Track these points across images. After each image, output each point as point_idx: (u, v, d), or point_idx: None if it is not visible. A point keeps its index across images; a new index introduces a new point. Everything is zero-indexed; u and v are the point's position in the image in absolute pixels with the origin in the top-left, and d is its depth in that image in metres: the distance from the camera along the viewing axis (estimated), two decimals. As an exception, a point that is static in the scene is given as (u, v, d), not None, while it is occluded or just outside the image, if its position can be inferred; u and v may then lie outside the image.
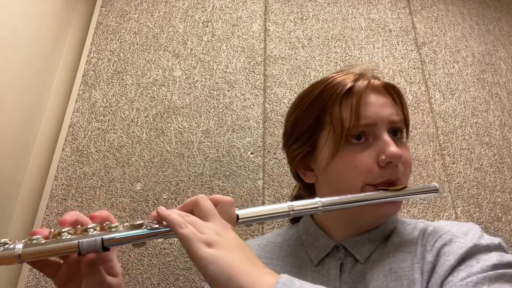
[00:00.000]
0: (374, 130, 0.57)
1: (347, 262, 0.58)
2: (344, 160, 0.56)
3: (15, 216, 1.01)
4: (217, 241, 0.40)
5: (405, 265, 0.53)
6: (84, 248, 0.42)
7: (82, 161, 1.12)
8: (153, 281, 0.99)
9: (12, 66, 1.00)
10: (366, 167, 0.55)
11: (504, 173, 1.26)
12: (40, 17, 1.12)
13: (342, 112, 0.58)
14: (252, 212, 0.49)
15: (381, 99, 0.59)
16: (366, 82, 0.59)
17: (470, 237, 0.51)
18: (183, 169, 1.13)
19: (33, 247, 0.42)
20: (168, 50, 1.31)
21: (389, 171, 0.55)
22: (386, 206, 0.55)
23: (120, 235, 0.43)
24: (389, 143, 0.55)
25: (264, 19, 1.40)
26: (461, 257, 0.48)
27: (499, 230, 1.16)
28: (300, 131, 0.63)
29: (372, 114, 0.57)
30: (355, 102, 0.57)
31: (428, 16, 1.52)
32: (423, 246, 0.54)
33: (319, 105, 0.60)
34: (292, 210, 0.49)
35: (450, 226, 0.55)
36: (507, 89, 1.43)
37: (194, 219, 0.43)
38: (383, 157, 0.55)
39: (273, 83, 1.29)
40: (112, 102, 1.22)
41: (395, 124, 0.58)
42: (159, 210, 0.44)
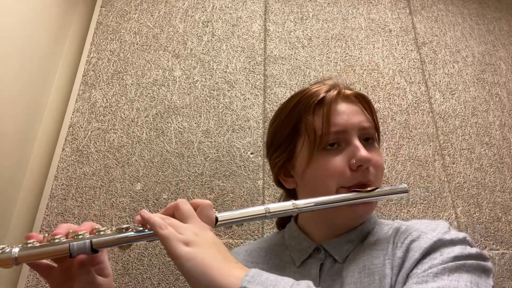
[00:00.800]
0: (345, 136, 0.60)
1: (327, 262, 0.61)
2: (318, 165, 0.60)
3: (15, 216, 1.01)
4: (194, 241, 0.44)
5: (378, 261, 0.56)
6: (74, 250, 0.46)
7: (82, 161, 1.12)
8: (153, 281, 0.99)
9: (12, 66, 1.00)
10: (339, 171, 0.59)
11: (504, 173, 1.26)
12: (40, 17, 1.12)
13: (315, 120, 0.62)
14: (231, 214, 0.53)
15: (352, 107, 0.63)
16: (337, 91, 0.64)
17: (436, 232, 0.54)
18: (183, 169, 1.13)
19: (28, 250, 0.46)
20: (168, 50, 1.31)
21: (360, 174, 0.59)
22: (359, 206, 0.58)
23: (107, 238, 0.47)
24: (359, 148, 0.58)
25: (264, 19, 1.40)
26: (426, 250, 0.51)
27: (499, 230, 1.16)
28: (279, 140, 0.67)
29: (343, 121, 0.61)
30: (326, 111, 0.61)
31: (428, 16, 1.52)
32: (395, 243, 0.57)
33: (295, 115, 0.65)
34: (268, 212, 0.53)
35: (420, 224, 0.58)
36: (507, 89, 1.43)
37: (174, 221, 0.46)
38: (353, 161, 0.58)
39: (273, 83, 1.29)
40: (112, 102, 1.22)
41: (365, 130, 0.62)
42: (142, 213, 0.47)
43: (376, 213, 1.14)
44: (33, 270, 0.98)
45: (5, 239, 0.98)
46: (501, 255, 1.12)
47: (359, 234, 0.63)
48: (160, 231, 0.44)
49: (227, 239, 1.06)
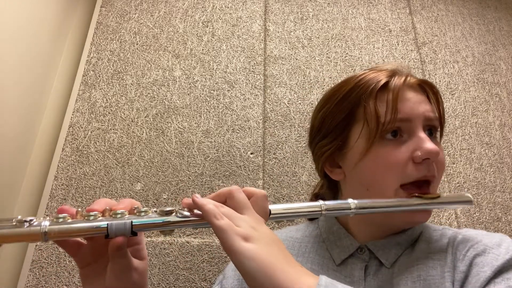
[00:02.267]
0: (409, 126, 0.55)
1: (372, 265, 0.56)
2: (377, 156, 0.55)
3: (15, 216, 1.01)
4: (254, 236, 0.39)
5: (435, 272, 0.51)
6: (113, 230, 0.41)
7: (82, 161, 1.12)
8: (153, 281, 0.99)
9: (12, 66, 1.00)
10: (401, 164, 0.53)
11: (504, 173, 1.26)
12: (40, 17, 1.12)
13: (378, 106, 0.56)
14: (285, 208, 0.48)
15: (417, 96, 0.58)
16: (403, 78, 0.58)
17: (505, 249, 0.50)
18: (183, 169, 1.13)
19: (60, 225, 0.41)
20: (168, 50, 1.31)
21: (425, 167, 0.53)
22: (418, 213, 0.54)
23: (150, 220, 0.42)
24: (426, 140, 0.53)
25: (264, 19, 1.40)
26: (498, 269, 0.47)
27: (499, 230, 1.16)
28: (330, 126, 0.61)
29: (408, 109, 0.55)
30: (392, 97, 0.55)
31: (428, 16, 1.52)
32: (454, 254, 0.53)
33: (351, 100, 0.59)
34: (325, 209, 0.48)
35: (481, 236, 0.54)
36: (507, 89, 1.43)
37: (229, 211, 0.42)
38: (419, 153, 0.53)
39: (273, 83, 1.29)
40: (112, 102, 1.22)
41: (430, 121, 0.57)
42: (195, 198, 0.42)
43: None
44: (33, 269, 0.98)
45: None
46: (501, 255, 1.12)
47: (407, 238, 0.58)
48: (216, 222, 0.39)
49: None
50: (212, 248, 1.03)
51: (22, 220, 0.41)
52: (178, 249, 1.03)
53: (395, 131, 0.55)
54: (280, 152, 1.18)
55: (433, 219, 1.14)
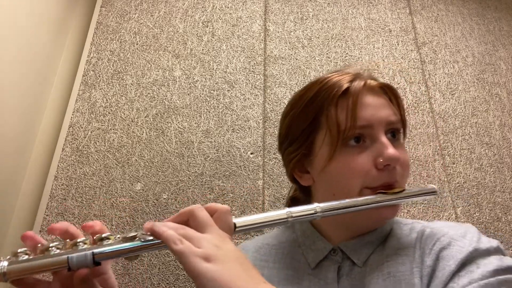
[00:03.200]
0: (371, 132, 0.56)
1: (345, 266, 0.57)
2: (341, 163, 0.56)
3: (15, 216, 1.01)
4: (215, 255, 0.39)
5: (404, 268, 0.52)
6: (74, 263, 0.40)
7: (82, 161, 1.12)
8: (153, 281, 0.99)
9: (12, 66, 1.00)
10: (364, 170, 0.54)
11: (504, 173, 1.26)
12: (40, 17, 1.12)
13: (338, 113, 0.57)
14: (250, 220, 0.48)
15: (378, 100, 0.58)
16: (363, 82, 0.58)
17: (469, 241, 0.51)
18: (183, 169, 1.13)
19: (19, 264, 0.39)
20: (168, 50, 1.31)
21: (387, 173, 0.54)
22: (385, 209, 0.55)
23: (111, 248, 0.41)
24: (387, 145, 0.54)
25: (264, 19, 1.40)
26: (461, 262, 0.48)
27: (499, 230, 1.16)
28: (296, 133, 0.62)
29: (369, 115, 0.56)
30: (351, 104, 0.56)
31: (428, 16, 1.52)
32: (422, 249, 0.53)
33: (314, 107, 0.59)
34: (290, 217, 0.48)
35: (447, 228, 0.55)
36: (507, 89, 1.43)
37: (190, 232, 0.41)
38: (381, 160, 0.54)
39: (273, 83, 1.29)
40: (112, 102, 1.22)
41: (393, 125, 0.57)
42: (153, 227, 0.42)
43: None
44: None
45: (5, 239, 0.98)
46: (501, 255, 1.12)
47: (378, 236, 0.59)
48: (175, 247, 0.39)
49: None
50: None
51: None
52: (178, 249, 1.03)
53: (358, 137, 0.56)
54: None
55: (433, 219, 1.14)
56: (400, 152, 0.55)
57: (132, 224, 1.05)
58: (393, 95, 0.62)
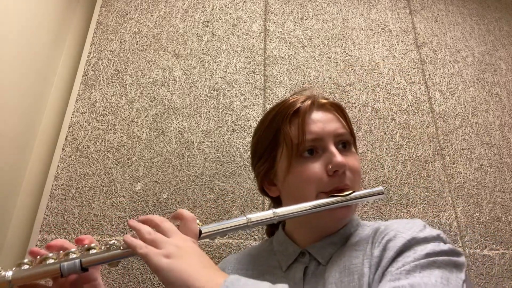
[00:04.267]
0: (321, 143, 0.63)
1: (311, 265, 0.63)
2: (297, 172, 0.63)
3: (15, 216, 1.01)
4: (174, 253, 0.45)
5: (357, 261, 0.58)
6: (65, 270, 0.48)
7: (82, 161, 1.12)
8: (153, 281, 0.99)
9: (12, 66, 1.00)
10: (317, 177, 0.61)
11: (504, 173, 1.26)
12: (40, 17, 1.12)
13: (291, 130, 0.65)
14: (214, 226, 0.55)
15: (326, 116, 0.66)
16: (310, 101, 0.67)
17: (411, 231, 0.55)
18: (183, 169, 1.13)
19: (21, 273, 0.48)
20: (168, 50, 1.31)
21: (337, 178, 0.61)
22: (339, 210, 0.61)
23: (96, 257, 0.49)
24: (335, 154, 0.61)
25: (264, 19, 1.40)
26: (400, 249, 0.53)
27: (499, 230, 1.16)
28: (261, 150, 0.70)
29: (318, 129, 0.63)
30: (301, 120, 0.64)
31: (428, 16, 1.52)
32: (373, 243, 0.59)
33: (274, 126, 0.68)
34: (249, 221, 0.55)
35: (397, 223, 0.60)
36: (507, 89, 1.43)
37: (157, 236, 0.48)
38: (330, 167, 0.61)
39: (273, 83, 1.29)
40: (112, 102, 1.22)
41: (341, 137, 0.65)
42: (125, 238, 0.49)
43: (377, 213, 1.14)
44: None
45: (5, 238, 0.98)
46: (501, 255, 1.12)
47: (341, 236, 0.65)
48: (139, 251, 0.46)
49: (227, 239, 1.06)
50: (212, 248, 1.03)
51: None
52: (178, 249, 1.03)
53: (311, 149, 0.63)
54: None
55: (433, 219, 1.14)
56: (348, 160, 0.63)
57: (132, 224, 1.05)
58: (340, 111, 0.70)
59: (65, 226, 1.03)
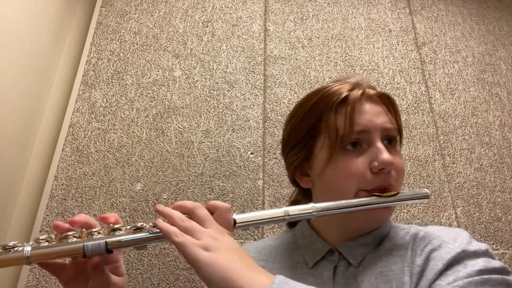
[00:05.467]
0: (367, 137, 0.59)
1: (341, 265, 0.60)
2: (338, 166, 0.59)
3: (15, 216, 1.01)
4: (213, 245, 0.42)
5: (396, 268, 0.54)
6: (89, 250, 0.45)
7: (82, 161, 1.12)
8: (153, 281, 0.99)
9: (12, 66, 1.00)
10: (359, 173, 0.57)
11: (504, 173, 1.26)
12: (40, 17, 1.12)
13: (337, 119, 0.60)
14: (249, 217, 0.51)
15: (375, 108, 0.62)
16: (361, 91, 0.62)
17: (459, 243, 0.53)
18: (183, 169, 1.13)
19: (40, 249, 0.45)
20: (168, 50, 1.31)
21: (382, 177, 0.57)
22: (379, 211, 0.57)
23: (123, 238, 0.46)
24: (382, 150, 0.57)
25: (264, 19, 1.40)
26: (449, 262, 0.50)
27: (499, 230, 1.16)
28: (297, 138, 0.65)
29: (366, 121, 0.59)
30: (349, 110, 0.59)
31: (428, 16, 1.52)
32: (413, 250, 0.56)
33: (315, 113, 0.63)
34: (287, 215, 0.51)
35: (440, 231, 0.57)
36: (507, 89, 1.43)
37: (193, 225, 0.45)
38: (375, 164, 0.57)
39: (273, 83, 1.29)
40: (112, 102, 1.22)
41: (388, 131, 0.60)
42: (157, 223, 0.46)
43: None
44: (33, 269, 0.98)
45: (6, 238, 0.98)
46: (501, 255, 1.12)
47: (374, 238, 0.61)
48: (176, 239, 0.43)
49: (227, 239, 1.06)
50: (212, 248, 1.03)
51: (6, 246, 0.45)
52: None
53: (355, 142, 0.59)
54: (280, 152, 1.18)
55: (433, 219, 1.14)
56: (394, 158, 0.58)
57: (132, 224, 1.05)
58: (391, 104, 0.65)
59: (65, 226, 1.03)
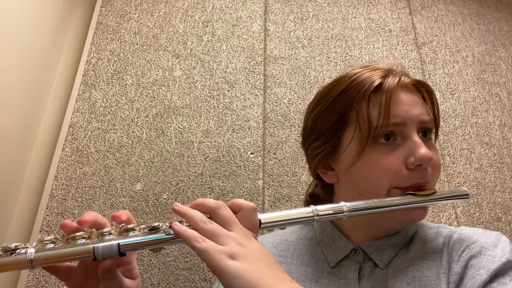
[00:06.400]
0: (403, 130, 0.54)
1: (366, 266, 0.56)
2: (370, 161, 0.54)
3: (15, 216, 1.01)
4: (240, 253, 0.38)
5: (430, 273, 0.51)
6: (100, 253, 0.40)
7: (82, 161, 1.12)
8: (153, 281, 0.99)
9: (12, 66, 1.00)
10: (394, 169, 0.52)
11: (504, 173, 1.26)
12: (40, 17, 1.12)
13: (370, 110, 0.54)
14: (275, 216, 0.47)
15: (412, 98, 0.56)
16: (397, 79, 0.56)
17: (501, 251, 0.49)
18: (183, 169, 1.13)
19: (45, 252, 0.40)
20: (168, 50, 1.31)
21: (418, 174, 0.53)
22: (414, 211, 0.53)
23: (137, 239, 0.41)
24: (419, 145, 0.52)
25: (264, 19, 1.40)
26: (494, 272, 0.47)
27: (499, 230, 1.16)
28: (322, 128, 0.59)
29: (402, 113, 0.54)
30: (385, 100, 0.53)
31: (428, 16, 1.52)
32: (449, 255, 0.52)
33: (344, 102, 0.57)
34: (316, 215, 0.47)
35: (477, 235, 0.53)
36: (507, 89, 1.43)
37: (216, 228, 0.41)
38: (412, 159, 0.52)
39: (273, 83, 1.29)
40: (112, 102, 1.22)
41: (425, 124, 0.55)
42: (175, 226, 0.41)
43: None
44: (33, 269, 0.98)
45: (5, 239, 0.98)
46: (501, 255, 1.12)
47: (402, 238, 0.57)
48: (197, 245, 0.39)
49: (227, 239, 1.05)
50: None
51: (7, 248, 0.40)
52: (178, 249, 1.03)
53: (388, 134, 0.54)
54: (280, 152, 1.18)
55: (432, 219, 1.14)
56: (432, 153, 0.53)
57: (132, 224, 1.05)
58: (428, 93, 0.59)
59: (65, 226, 1.03)
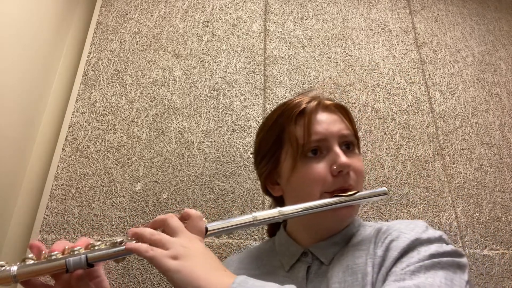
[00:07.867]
0: (326, 144, 0.64)
1: (314, 265, 0.64)
2: (302, 172, 0.63)
3: (15, 216, 1.01)
4: (182, 253, 0.45)
5: (360, 261, 0.58)
6: (71, 265, 0.48)
7: (82, 161, 1.12)
8: (153, 281, 0.99)
9: (12, 66, 1.00)
10: (321, 177, 0.62)
11: (504, 173, 1.26)
12: (40, 17, 1.12)
13: (297, 130, 0.65)
14: (220, 224, 0.55)
15: (331, 117, 0.67)
16: (317, 102, 0.67)
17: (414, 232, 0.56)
18: (183, 169, 1.13)
19: (26, 268, 0.48)
20: (168, 50, 1.31)
21: (341, 179, 0.62)
22: (342, 210, 0.61)
23: (101, 252, 0.49)
24: (340, 155, 0.62)
25: (264, 19, 1.40)
26: (404, 249, 0.54)
27: (499, 230, 1.16)
28: (265, 150, 0.71)
29: (323, 130, 0.64)
30: (307, 121, 0.65)
31: (428, 16, 1.52)
32: (376, 243, 0.60)
33: (278, 125, 0.69)
34: (255, 220, 0.56)
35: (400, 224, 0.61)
36: (507, 89, 1.43)
37: (163, 237, 0.48)
38: (334, 167, 0.62)
39: (273, 83, 1.29)
40: (112, 102, 1.22)
41: (345, 138, 0.65)
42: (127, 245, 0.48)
43: (377, 213, 1.14)
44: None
45: (5, 238, 0.98)
46: (501, 255, 1.12)
47: (343, 236, 0.65)
48: (146, 254, 0.46)
49: (227, 239, 1.06)
50: (212, 248, 1.03)
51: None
52: (178, 249, 1.03)
53: (315, 149, 0.64)
54: (280, 152, 1.18)
55: (433, 219, 1.14)
56: (352, 160, 0.63)
57: (132, 224, 1.05)
58: (346, 113, 0.70)
59: (65, 226, 1.03)
